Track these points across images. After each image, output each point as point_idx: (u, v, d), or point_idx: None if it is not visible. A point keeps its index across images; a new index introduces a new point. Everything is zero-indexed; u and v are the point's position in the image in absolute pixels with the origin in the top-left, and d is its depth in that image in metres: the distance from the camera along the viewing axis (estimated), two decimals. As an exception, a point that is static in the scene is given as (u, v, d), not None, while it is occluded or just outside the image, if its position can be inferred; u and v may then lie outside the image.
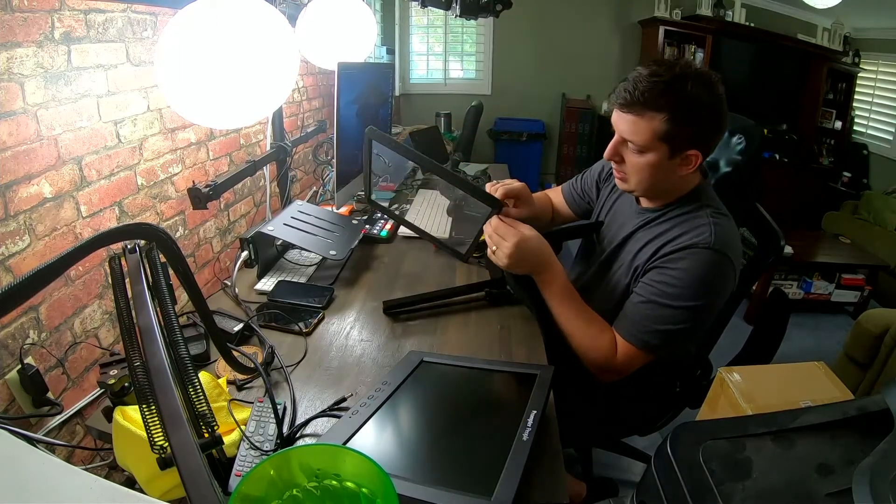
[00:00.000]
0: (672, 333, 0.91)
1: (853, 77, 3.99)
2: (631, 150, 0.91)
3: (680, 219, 0.95)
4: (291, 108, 1.88)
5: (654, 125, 0.86)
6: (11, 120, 0.76)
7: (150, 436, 0.49)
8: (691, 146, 0.88)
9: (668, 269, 0.91)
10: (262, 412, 0.73)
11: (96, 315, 0.96)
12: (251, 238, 1.19)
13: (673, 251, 0.91)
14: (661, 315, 0.91)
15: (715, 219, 0.92)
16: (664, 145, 0.87)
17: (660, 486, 0.50)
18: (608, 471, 1.61)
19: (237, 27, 0.82)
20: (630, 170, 0.94)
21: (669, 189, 0.97)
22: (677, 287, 0.89)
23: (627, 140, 0.90)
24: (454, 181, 1.03)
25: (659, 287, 0.91)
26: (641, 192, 0.99)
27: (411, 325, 1.07)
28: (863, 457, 0.44)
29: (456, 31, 4.47)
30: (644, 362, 0.95)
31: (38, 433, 0.81)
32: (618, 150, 0.94)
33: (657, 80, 0.84)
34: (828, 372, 0.92)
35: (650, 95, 0.84)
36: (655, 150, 0.88)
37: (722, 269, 0.89)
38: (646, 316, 0.92)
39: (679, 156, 0.89)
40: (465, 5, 1.36)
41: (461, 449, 0.70)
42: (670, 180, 0.94)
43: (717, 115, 0.88)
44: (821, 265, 2.81)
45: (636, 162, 0.91)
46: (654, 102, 0.84)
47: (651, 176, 0.92)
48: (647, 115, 0.86)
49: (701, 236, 0.89)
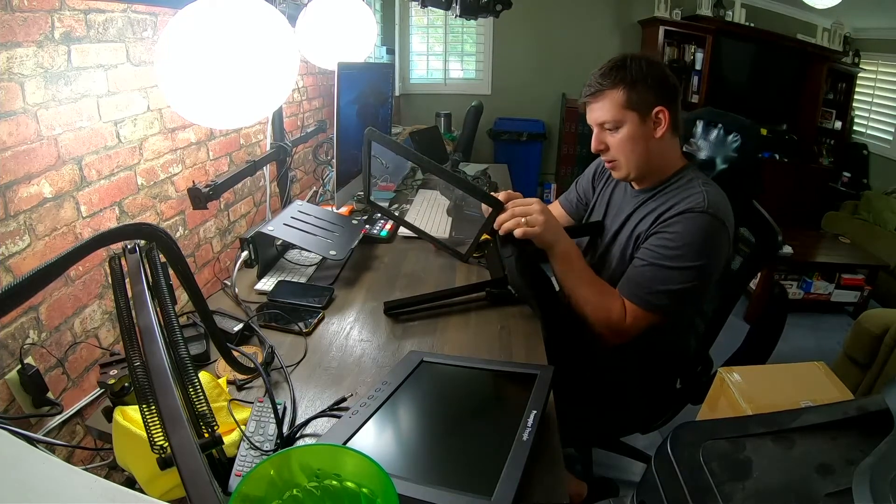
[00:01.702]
0: (674, 293, 0.98)
1: (853, 77, 3.99)
2: (609, 133, 1.04)
3: (674, 191, 1.04)
4: (291, 108, 1.88)
5: (616, 97, 1.00)
6: (11, 120, 0.76)
7: (150, 436, 0.49)
8: (654, 103, 1.00)
9: (667, 233, 0.98)
10: (262, 412, 0.73)
11: (96, 315, 0.96)
12: (251, 238, 1.19)
13: (670, 217, 0.99)
14: (663, 276, 0.98)
15: (706, 187, 1.00)
16: (632, 112, 1.00)
17: (660, 486, 0.50)
18: (608, 471, 1.61)
19: (237, 27, 0.82)
20: (616, 151, 1.04)
21: (658, 163, 1.06)
22: (676, 249, 0.96)
23: (603, 123, 1.03)
24: (454, 182, 1.04)
25: (659, 250, 0.98)
26: (635, 170, 1.06)
27: (411, 326, 1.07)
28: (863, 457, 0.44)
29: (456, 31, 4.47)
30: (649, 323, 1.01)
31: (38, 433, 0.81)
32: (600, 139, 1.05)
33: (605, 67, 1.02)
34: (828, 372, 0.92)
35: (604, 78, 1.01)
36: (627, 119, 1.01)
37: (717, 231, 0.97)
38: (648, 278, 0.99)
39: (649, 118, 1.01)
40: (465, 5, 1.36)
41: (461, 449, 0.70)
42: (654, 150, 1.04)
43: (664, 73, 1.02)
44: (821, 265, 2.81)
45: (618, 140, 1.03)
46: (609, 81, 1.00)
47: (635, 147, 1.02)
48: (607, 93, 1.01)
49: (695, 201, 0.97)
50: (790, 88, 4.07)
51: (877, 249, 2.99)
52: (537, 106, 4.52)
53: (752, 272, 1.22)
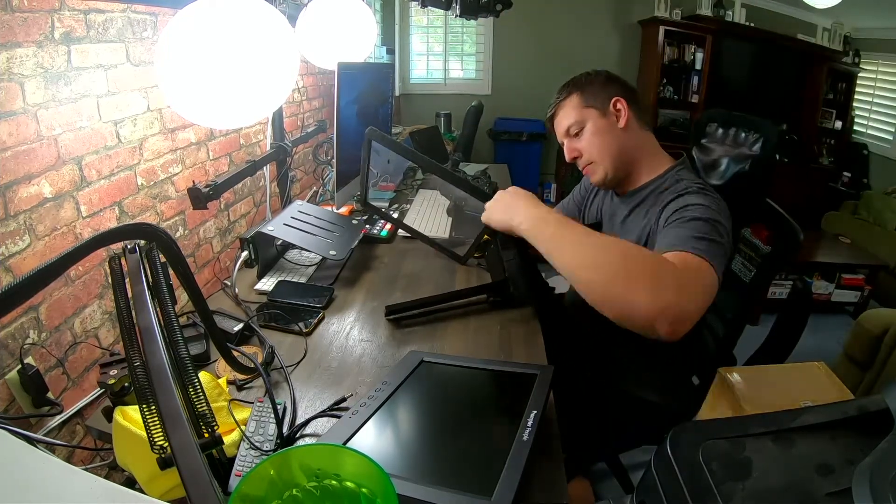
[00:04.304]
0: (709, 242, 0.82)
1: (853, 77, 3.99)
2: (576, 138, 1.08)
3: (663, 188, 1.03)
4: (291, 108, 1.88)
5: (572, 102, 1.08)
6: (11, 120, 0.76)
7: (150, 436, 0.49)
8: (609, 97, 1.05)
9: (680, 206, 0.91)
10: (262, 412, 0.73)
11: (96, 315, 0.96)
12: (251, 238, 1.19)
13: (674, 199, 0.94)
14: (694, 226, 0.84)
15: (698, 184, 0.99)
16: (589, 109, 1.06)
17: (660, 486, 0.50)
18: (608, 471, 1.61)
19: (237, 27, 0.82)
20: (588, 152, 1.07)
21: (634, 157, 1.07)
22: (695, 209, 0.89)
23: (568, 129, 1.08)
24: (454, 181, 1.03)
25: (682, 217, 0.88)
26: (611, 168, 1.07)
27: (411, 325, 1.07)
28: (863, 457, 0.44)
29: (456, 31, 4.47)
30: (702, 269, 0.78)
31: (38, 433, 0.81)
32: (571, 147, 1.09)
33: (560, 87, 1.12)
34: (828, 372, 0.92)
35: (558, 94, 1.11)
36: (587, 117, 1.06)
37: (717, 198, 0.95)
38: (680, 233, 0.85)
39: (609, 111, 1.04)
40: (465, 5, 1.36)
41: (461, 449, 0.70)
42: (625, 143, 1.05)
43: (612, 75, 1.10)
44: (821, 265, 2.81)
45: (586, 141, 1.07)
46: (564, 93, 1.10)
47: (602, 141, 1.05)
48: (563, 103, 1.09)
49: (689, 186, 0.97)
50: (790, 88, 4.07)
51: (877, 249, 2.99)
52: (537, 106, 4.51)
53: (773, 273, 1.18)
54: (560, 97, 1.10)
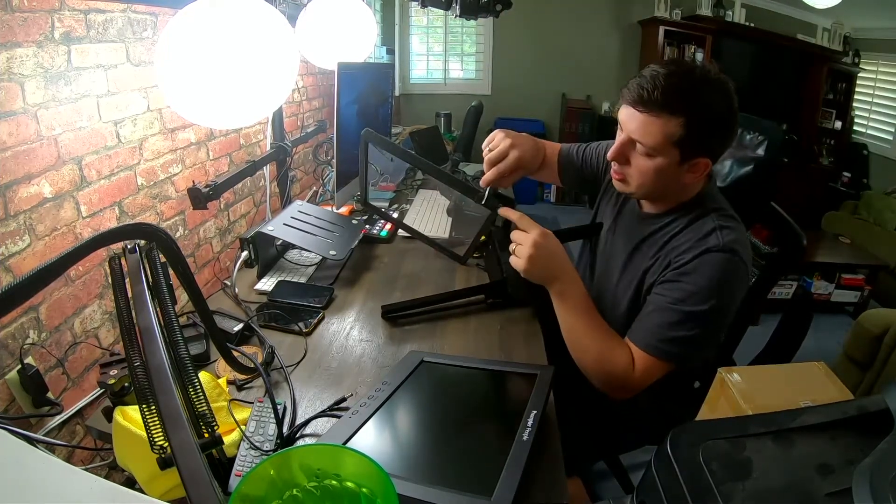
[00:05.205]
0: (690, 340, 0.87)
1: (853, 77, 3.99)
2: (638, 153, 0.87)
3: (686, 226, 0.93)
4: (291, 108, 1.88)
5: (669, 128, 0.82)
6: (11, 120, 0.76)
7: (150, 436, 0.49)
8: (702, 154, 0.85)
9: (681, 277, 0.88)
10: (262, 412, 0.73)
11: (96, 315, 0.96)
12: (251, 238, 1.19)
13: (684, 262, 0.88)
14: (677, 322, 0.87)
15: (722, 222, 0.89)
16: (675, 150, 0.84)
17: (660, 487, 0.50)
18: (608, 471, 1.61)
19: (237, 27, 0.82)
20: (634, 172, 0.90)
21: (672, 194, 0.95)
22: (691, 293, 0.86)
23: (637, 140, 0.86)
24: (449, 182, 1.02)
25: (672, 295, 0.88)
26: (642, 195, 0.97)
27: (411, 325, 1.07)
28: (863, 457, 0.44)
29: (456, 32, 4.47)
30: (662, 373, 0.90)
31: (38, 433, 0.81)
32: (624, 152, 0.89)
33: (676, 82, 0.81)
34: (828, 372, 0.92)
35: (668, 97, 0.80)
36: (665, 154, 0.85)
37: (734, 269, 0.87)
38: (661, 324, 0.88)
39: (688, 162, 0.86)
40: (465, 5, 1.35)
41: (461, 449, 0.70)
42: (674, 186, 0.92)
43: (732, 125, 0.87)
44: (821, 265, 2.81)
45: (642, 165, 0.88)
46: (672, 105, 0.81)
47: (655, 181, 0.89)
48: (662, 116, 0.81)
49: (709, 241, 0.87)
50: (790, 88, 4.07)
51: (877, 249, 2.99)
52: (537, 106, 4.52)
53: (775, 278, 1.18)
54: (664, 104, 0.81)
